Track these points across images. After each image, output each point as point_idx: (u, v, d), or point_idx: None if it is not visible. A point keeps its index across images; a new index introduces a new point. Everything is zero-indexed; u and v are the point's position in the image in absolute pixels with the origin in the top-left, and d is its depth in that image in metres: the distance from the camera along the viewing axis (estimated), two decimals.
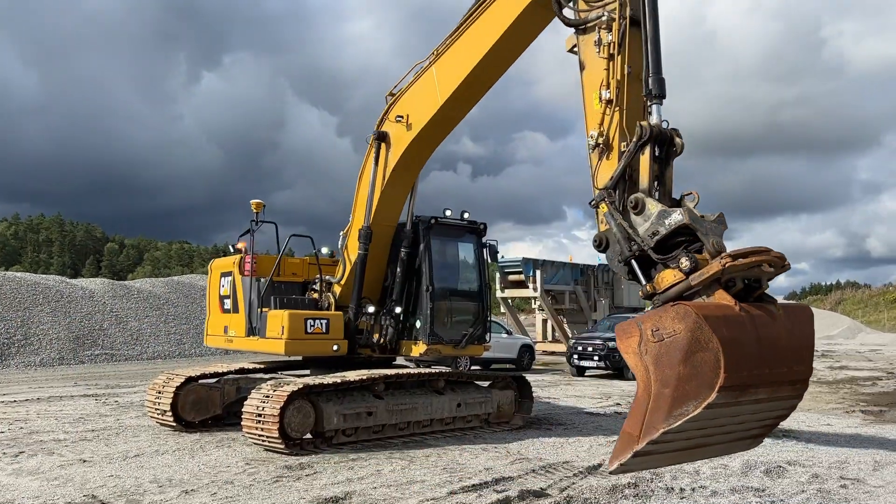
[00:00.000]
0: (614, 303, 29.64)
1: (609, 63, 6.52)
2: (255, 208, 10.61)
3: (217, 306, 11.44)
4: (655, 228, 5.88)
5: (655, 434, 5.05)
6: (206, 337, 11.91)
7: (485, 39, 8.27)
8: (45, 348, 23.20)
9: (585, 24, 6.81)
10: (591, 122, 6.70)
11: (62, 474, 7.62)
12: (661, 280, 5.83)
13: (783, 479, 7.80)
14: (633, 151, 6.16)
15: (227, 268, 11.19)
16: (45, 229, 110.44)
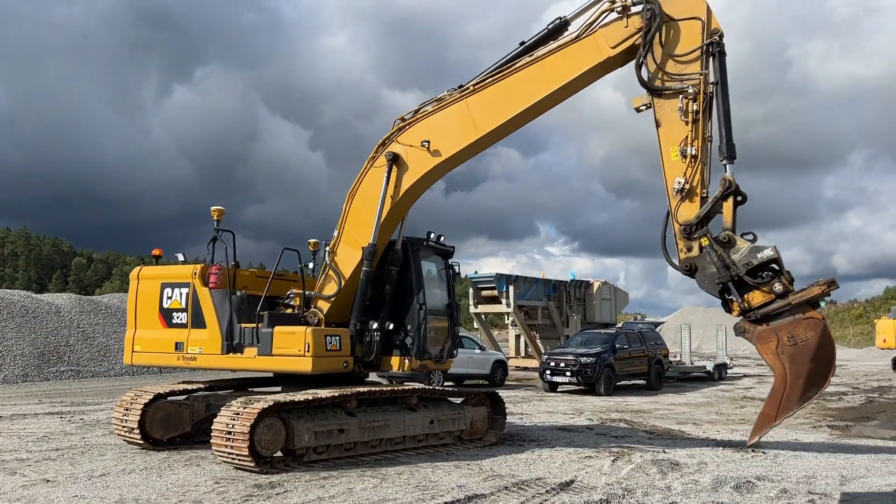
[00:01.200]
0: (586, 318, 29.85)
1: (693, 126, 8.39)
2: (215, 216, 10.25)
3: (155, 320, 10.57)
4: (749, 260, 8.04)
5: (790, 413, 7.87)
6: (129, 354, 10.80)
7: (538, 87, 9.18)
8: (9, 365, 22.68)
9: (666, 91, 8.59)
10: (674, 171, 8.53)
11: (25, 495, 7.44)
12: (752, 299, 8.03)
13: (753, 493, 7.88)
14: (718, 198, 8.21)
15: (178, 278, 10.51)
16: (10, 243, 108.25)
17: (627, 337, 22.82)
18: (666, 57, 8.65)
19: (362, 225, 10.17)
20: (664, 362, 23.69)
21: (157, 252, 11.25)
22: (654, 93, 8.71)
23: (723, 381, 26.26)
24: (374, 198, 10.07)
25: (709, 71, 8.47)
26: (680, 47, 8.64)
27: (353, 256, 10.19)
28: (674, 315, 70.57)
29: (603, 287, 31.07)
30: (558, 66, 9.04)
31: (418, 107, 10.18)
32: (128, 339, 10.89)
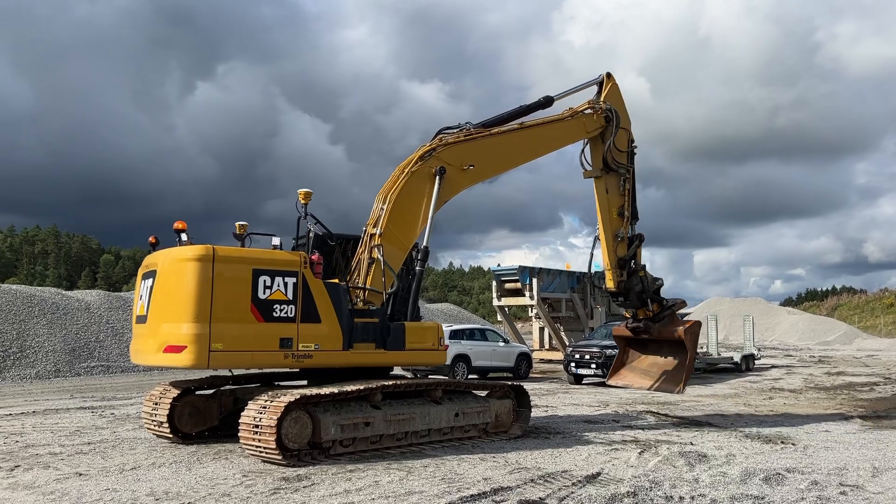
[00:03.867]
0: (611, 310, 29.63)
1: (627, 196, 13.07)
2: (303, 199, 9.71)
3: (244, 312, 9.00)
4: (654, 285, 13.15)
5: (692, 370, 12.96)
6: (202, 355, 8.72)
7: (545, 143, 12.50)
8: (41, 361, 23.10)
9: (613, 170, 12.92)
10: (614, 225, 12.98)
11: (58, 488, 7.57)
12: (655, 308, 13.21)
13: (782, 486, 7.79)
14: (637, 244, 13.14)
15: (279, 265, 9.28)
16: (40, 241, 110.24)
17: None
18: (614, 148, 12.84)
19: (404, 226, 10.63)
20: None
21: (153, 240, 10.04)
22: (607, 170, 12.85)
23: (750, 372, 25.97)
24: (415, 201, 10.73)
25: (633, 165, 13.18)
26: (620, 145, 12.95)
27: (395, 255, 10.52)
28: (700, 306, 69.91)
29: None
30: (558, 131, 12.51)
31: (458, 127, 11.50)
32: (192, 336, 8.71)
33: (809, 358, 35.75)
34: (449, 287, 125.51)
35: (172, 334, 8.83)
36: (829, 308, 77.04)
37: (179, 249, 9.22)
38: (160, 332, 9.02)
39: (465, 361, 21.03)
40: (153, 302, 9.29)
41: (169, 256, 9.29)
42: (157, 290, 9.25)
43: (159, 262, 9.40)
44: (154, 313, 9.25)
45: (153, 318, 9.26)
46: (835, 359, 34.90)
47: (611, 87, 13.09)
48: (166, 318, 9.02)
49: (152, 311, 9.29)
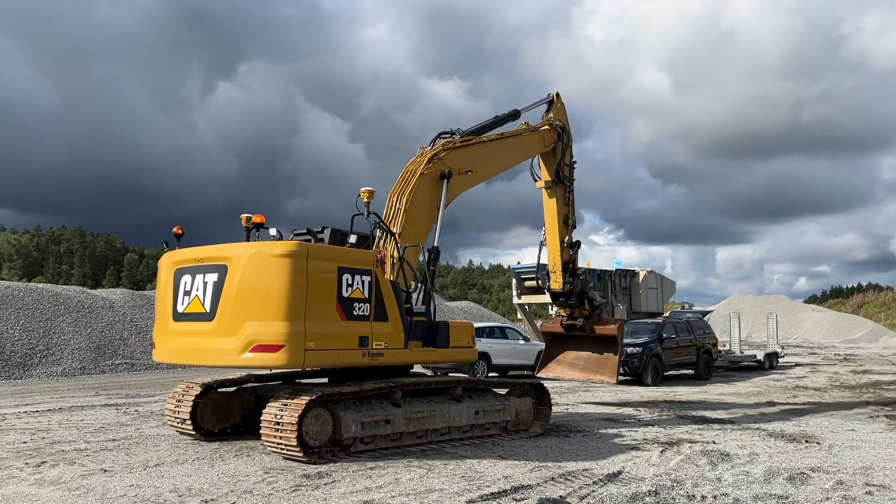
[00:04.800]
0: (632, 308, 29.47)
1: (570, 206, 14.45)
2: (365, 197, 9.68)
3: (331, 311, 8.89)
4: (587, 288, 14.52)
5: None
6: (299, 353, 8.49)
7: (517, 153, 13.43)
8: (67, 358, 23.45)
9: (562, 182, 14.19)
10: (561, 233, 14.26)
11: (83, 484, 7.68)
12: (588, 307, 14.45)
13: (807, 485, 7.69)
14: (577, 249, 14.56)
15: (356, 263, 9.21)
16: (66, 240, 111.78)
17: (675, 326, 22.47)
18: (563, 162, 14.12)
19: (416, 226, 10.78)
20: (713, 352, 23.26)
21: (178, 230, 9.86)
22: (557, 181, 14.10)
23: (774, 371, 25.68)
24: (425, 203, 11.02)
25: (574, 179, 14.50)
26: (566, 160, 14.20)
27: (413, 254, 10.67)
28: (722, 303, 69.26)
29: (649, 276, 30.59)
30: (527, 143, 13.47)
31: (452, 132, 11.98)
32: (288, 335, 8.45)
33: (834, 356, 35.28)
34: (468, 285, 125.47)
35: (263, 333, 8.47)
36: (854, 305, 75.97)
37: (267, 244, 8.94)
38: (242, 331, 8.53)
39: (484, 359, 21.01)
40: (226, 298, 8.71)
41: (251, 251, 8.78)
42: (233, 286, 8.69)
43: (232, 255, 8.82)
44: (231, 311, 8.66)
45: (229, 316, 8.66)
46: (860, 357, 34.41)
47: (559, 106, 14.25)
48: (252, 315, 8.56)
49: (226, 309, 8.69)
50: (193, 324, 9.06)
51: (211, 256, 9.08)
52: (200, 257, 9.21)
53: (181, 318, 9.24)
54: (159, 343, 9.75)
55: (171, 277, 9.49)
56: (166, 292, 9.54)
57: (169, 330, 9.48)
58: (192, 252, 9.43)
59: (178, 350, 9.40)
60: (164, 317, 9.55)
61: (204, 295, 8.94)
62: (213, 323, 8.80)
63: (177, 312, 9.31)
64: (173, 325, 9.37)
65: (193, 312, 9.05)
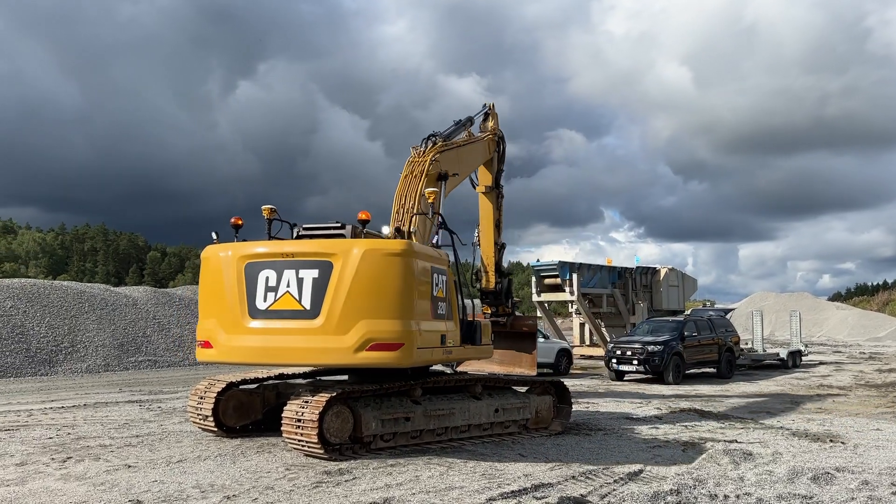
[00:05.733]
0: (653, 306, 29.27)
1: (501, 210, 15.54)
2: (431, 198, 9.77)
3: (428, 310, 9.04)
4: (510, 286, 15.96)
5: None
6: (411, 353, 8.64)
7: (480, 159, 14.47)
8: (91, 355, 23.75)
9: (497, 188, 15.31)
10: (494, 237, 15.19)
11: (108, 480, 7.78)
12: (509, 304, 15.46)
13: (832, 485, 7.59)
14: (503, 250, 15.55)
15: (440, 263, 9.36)
16: (90, 238, 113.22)
17: (696, 324, 22.29)
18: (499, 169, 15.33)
19: (423, 226, 10.88)
20: (735, 350, 23.05)
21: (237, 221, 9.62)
22: (494, 186, 15.24)
23: (797, 369, 25.39)
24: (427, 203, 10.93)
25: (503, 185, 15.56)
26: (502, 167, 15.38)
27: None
28: (745, 301, 68.56)
29: (670, 273, 30.38)
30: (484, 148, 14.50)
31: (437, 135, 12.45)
32: (406, 333, 8.57)
33: (859, 354, 34.80)
34: None
35: (381, 332, 8.49)
36: (880, 303, 74.89)
37: (379, 242, 8.99)
38: (357, 330, 8.49)
39: None
40: (335, 296, 8.56)
41: (364, 248, 8.68)
42: (343, 283, 8.56)
43: (338, 251, 8.71)
44: (342, 308, 8.54)
45: (340, 314, 8.54)
46: (886, 355, 33.90)
47: (495, 116, 15.17)
48: (366, 314, 8.52)
49: (335, 307, 8.56)
50: (285, 321, 8.76)
51: (306, 252, 8.87)
52: (289, 252, 8.90)
53: (264, 315, 8.82)
54: (227, 341, 9.04)
55: (240, 272, 8.99)
56: (234, 287, 8.98)
57: (244, 328, 8.90)
58: (273, 246, 9.14)
59: (259, 349, 8.92)
60: (232, 313, 8.96)
61: (300, 291, 8.70)
62: (316, 321, 8.61)
63: (256, 309, 8.85)
64: (251, 322, 8.88)
65: (284, 310, 8.74)
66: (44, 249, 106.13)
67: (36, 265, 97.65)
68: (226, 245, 9.37)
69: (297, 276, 8.71)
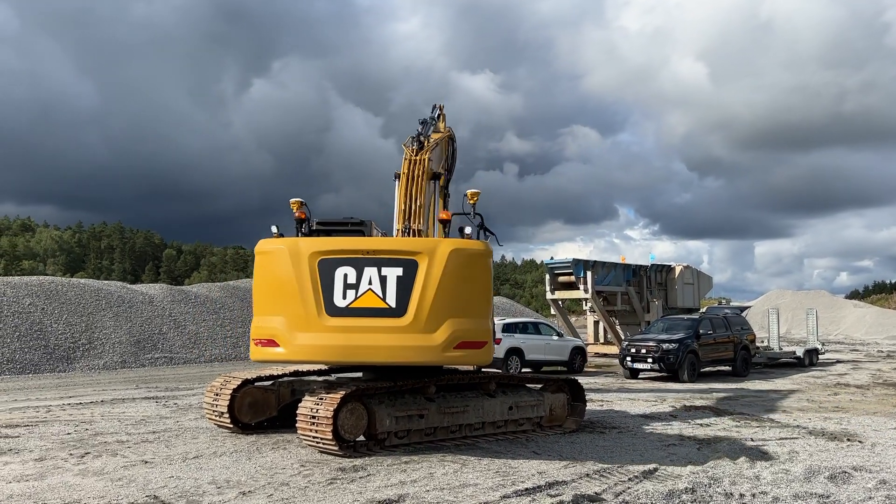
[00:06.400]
0: (668, 304, 29.09)
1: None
2: (471, 199, 9.88)
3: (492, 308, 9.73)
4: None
5: None
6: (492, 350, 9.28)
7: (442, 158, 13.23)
8: (108, 352, 23.97)
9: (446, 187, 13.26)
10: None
11: (125, 475, 7.85)
12: None
13: (849, 484, 7.53)
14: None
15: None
16: (106, 236, 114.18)
17: (712, 322, 22.15)
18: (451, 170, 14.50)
19: (427, 224, 10.95)
20: (751, 348, 22.90)
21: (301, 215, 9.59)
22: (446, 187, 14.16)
23: (814, 368, 25.19)
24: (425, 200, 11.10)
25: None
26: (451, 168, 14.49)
27: None
28: (761, 299, 68.04)
29: (685, 271, 30.18)
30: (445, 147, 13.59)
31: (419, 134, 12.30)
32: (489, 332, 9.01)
33: (877, 353, 34.45)
34: (501, 280, 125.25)
35: (470, 330, 8.71)
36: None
37: (464, 242, 9.13)
38: (446, 328, 8.64)
39: (518, 355, 20.96)
40: (422, 294, 8.69)
41: (451, 248, 8.86)
42: (430, 281, 8.70)
43: (423, 250, 8.86)
44: (430, 307, 8.67)
45: (428, 313, 8.66)
46: None
47: (445, 118, 14.69)
48: (454, 312, 8.68)
49: (423, 305, 8.68)
50: (368, 319, 8.74)
51: (388, 249, 8.93)
52: (369, 249, 8.91)
53: (345, 312, 8.75)
54: (301, 340, 8.82)
55: (313, 268, 8.83)
56: (307, 284, 8.80)
57: (322, 325, 8.76)
58: (351, 243, 9.12)
59: (339, 347, 8.81)
60: (306, 311, 8.78)
61: (384, 289, 8.76)
62: (402, 319, 8.68)
63: (334, 306, 8.76)
64: (330, 320, 8.75)
65: (367, 307, 8.75)
66: (61, 247, 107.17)
67: (54, 263, 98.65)
68: (290, 240, 9.16)
69: (380, 274, 8.75)
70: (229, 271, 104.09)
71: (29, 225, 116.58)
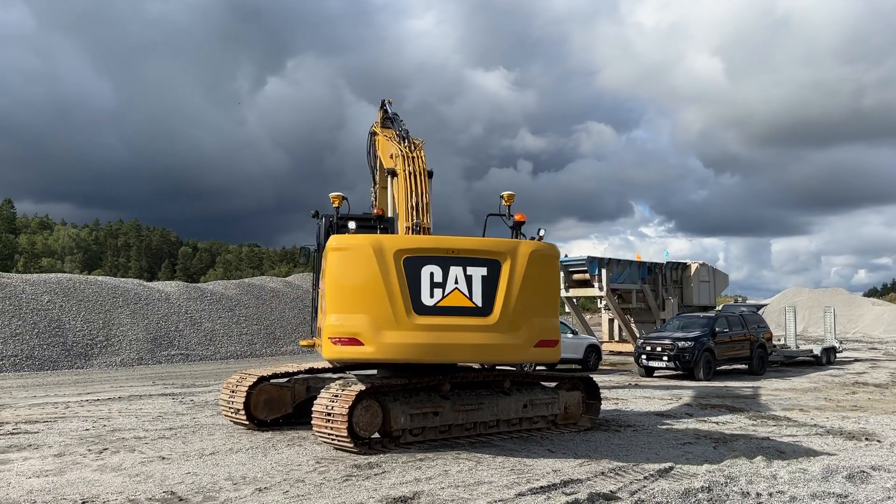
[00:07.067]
0: (683, 301, 28.94)
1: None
2: (506, 201, 10.00)
3: None
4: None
5: None
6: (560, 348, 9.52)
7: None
8: (125, 349, 24.18)
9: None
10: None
11: (143, 471, 7.93)
12: None
13: (867, 484, 7.46)
14: None
15: None
16: (123, 234, 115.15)
17: (728, 320, 22.01)
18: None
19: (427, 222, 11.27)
20: (767, 346, 22.73)
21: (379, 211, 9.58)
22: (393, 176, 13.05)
23: (832, 366, 24.96)
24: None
25: None
26: None
27: None
28: (777, 297, 67.51)
29: (701, 269, 30.01)
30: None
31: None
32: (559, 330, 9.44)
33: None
34: None
35: (545, 329, 9.09)
36: None
37: (540, 244, 9.40)
38: (529, 327, 8.93)
39: None
40: (507, 294, 8.91)
41: (531, 249, 9.17)
42: (514, 282, 8.94)
43: (505, 251, 9.07)
44: (514, 306, 8.89)
45: (513, 312, 8.88)
46: None
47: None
48: (536, 312, 8.99)
49: (508, 304, 8.89)
50: (455, 318, 8.80)
51: (475, 249, 9.02)
52: (454, 248, 8.96)
53: (432, 311, 8.77)
54: (388, 338, 8.68)
55: (399, 266, 8.76)
56: (393, 282, 8.72)
57: (410, 324, 8.70)
58: (436, 241, 9.19)
59: (427, 346, 8.76)
60: (394, 309, 8.69)
61: (470, 288, 8.85)
62: (489, 318, 8.83)
63: (422, 305, 8.75)
64: (418, 318, 8.72)
65: (454, 306, 8.81)
66: (78, 245, 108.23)
67: (71, 260, 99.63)
68: (371, 237, 9.06)
69: (465, 274, 8.86)
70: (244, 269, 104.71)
71: (47, 223, 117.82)
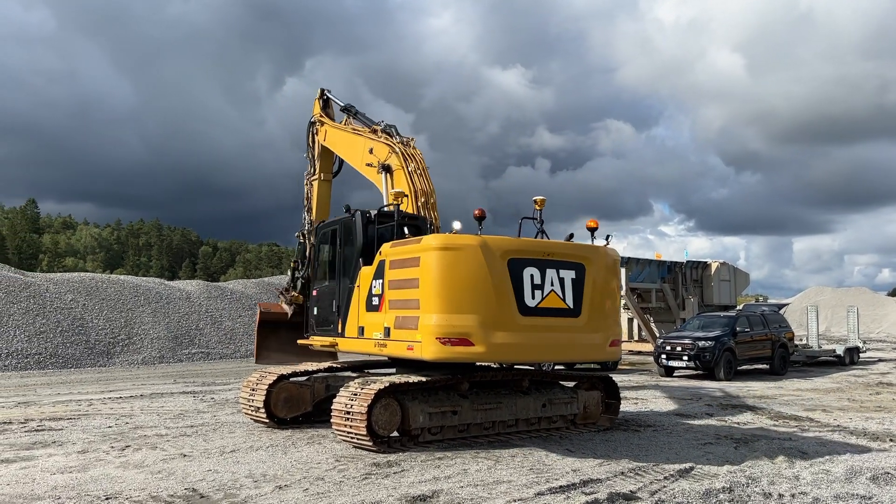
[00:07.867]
0: (703, 301, 28.72)
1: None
2: (538, 205, 10.06)
3: None
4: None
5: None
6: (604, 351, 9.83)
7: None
8: (147, 347, 24.44)
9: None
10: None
11: (165, 468, 8.01)
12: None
13: (892, 486, 7.36)
14: None
15: None
16: (144, 234, 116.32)
17: (749, 319, 21.80)
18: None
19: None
20: (789, 346, 22.50)
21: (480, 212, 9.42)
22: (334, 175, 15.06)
23: (855, 366, 24.65)
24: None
25: None
26: None
27: None
28: (799, 296, 66.78)
29: (721, 268, 29.76)
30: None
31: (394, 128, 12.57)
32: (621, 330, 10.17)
33: None
34: None
35: (616, 329, 9.83)
36: None
37: (611, 249, 9.90)
38: (605, 327, 9.60)
39: None
40: (591, 296, 9.37)
41: (604, 253, 9.73)
42: (596, 284, 9.42)
43: (590, 256, 9.51)
44: (596, 308, 9.42)
45: (596, 313, 9.40)
46: None
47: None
48: (609, 313, 9.69)
49: (592, 306, 9.36)
50: (552, 319, 9.09)
51: (566, 253, 9.42)
52: (549, 252, 9.23)
53: (535, 312, 8.93)
54: (497, 339, 8.68)
55: (503, 268, 8.81)
56: (502, 282, 8.77)
57: (517, 325, 8.81)
58: (536, 244, 9.40)
59: (528, 346, 8.95)
60: (503, 310, 8.74)
61: (563, 290, 9.20)
62: (579, 319, 9.33)
63: (526, 306, 8.88)
64: (523, 319, 8.84)
65: (552, 307, 9.07)
66: (100, 244, 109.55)
67: (93, 260, 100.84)
68: (479, 237, 8.89)
69: (559, 276, 9.22)
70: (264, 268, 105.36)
71: (70, 223, 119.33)
